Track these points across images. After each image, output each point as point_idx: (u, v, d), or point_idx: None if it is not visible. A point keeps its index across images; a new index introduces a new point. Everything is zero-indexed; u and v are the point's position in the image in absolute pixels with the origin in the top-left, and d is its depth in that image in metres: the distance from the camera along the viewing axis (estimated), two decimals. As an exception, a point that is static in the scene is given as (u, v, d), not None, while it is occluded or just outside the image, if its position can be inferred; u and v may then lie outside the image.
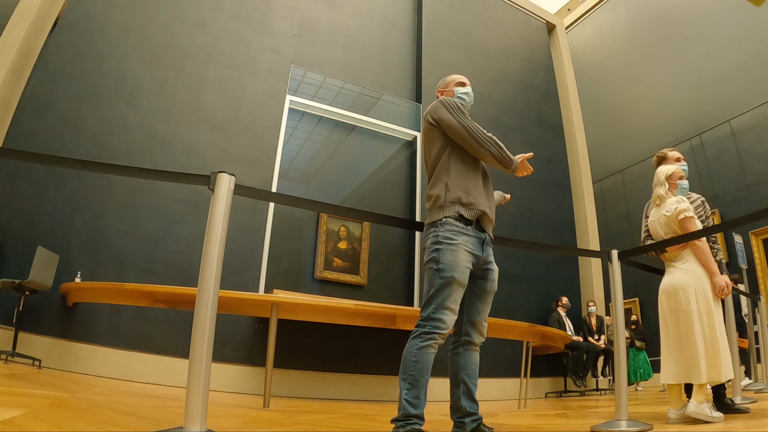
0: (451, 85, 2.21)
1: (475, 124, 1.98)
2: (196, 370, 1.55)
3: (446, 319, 1.78)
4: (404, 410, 1.69)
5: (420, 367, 1.72)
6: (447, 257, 1.82)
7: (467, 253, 1.86)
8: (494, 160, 1.98)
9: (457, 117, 1.96)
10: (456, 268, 1.81)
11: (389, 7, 6.84)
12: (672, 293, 2.59)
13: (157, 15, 5.20)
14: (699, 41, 8.96)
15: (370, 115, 6.04)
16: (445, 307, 1.78)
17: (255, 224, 4.82)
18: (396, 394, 1.76)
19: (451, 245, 1.83)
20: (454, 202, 1.90)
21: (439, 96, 2.22)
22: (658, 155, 3.14)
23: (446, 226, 1.87)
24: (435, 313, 1.78)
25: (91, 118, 4.58)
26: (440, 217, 1.89)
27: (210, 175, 1.77)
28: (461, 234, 1.87)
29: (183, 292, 3.63)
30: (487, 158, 1.99)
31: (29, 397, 2.08)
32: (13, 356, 3.53)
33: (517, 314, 5.44)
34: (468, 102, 2.17)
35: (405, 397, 1.71)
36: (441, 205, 1.92)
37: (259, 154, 5.16)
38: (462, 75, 2.26)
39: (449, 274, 1.79)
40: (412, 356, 1.74)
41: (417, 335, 1.78)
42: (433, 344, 1.75)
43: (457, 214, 1.88)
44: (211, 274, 1.64)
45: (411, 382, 1.72)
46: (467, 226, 1.89)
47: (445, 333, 1.78)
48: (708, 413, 2.33)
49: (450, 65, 6.58)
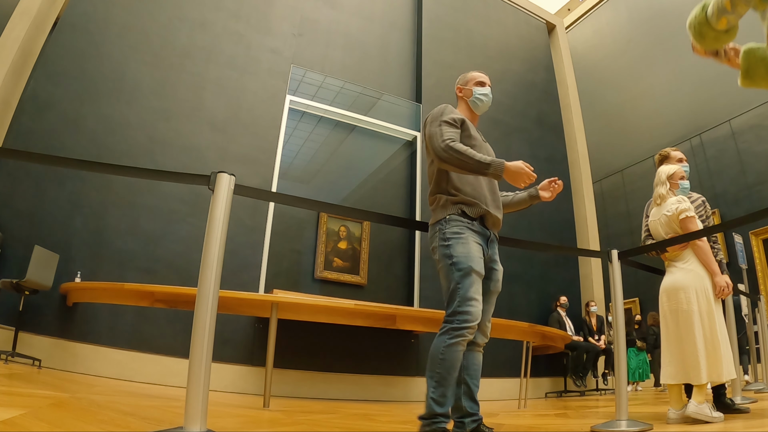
0: (471, 83, 2.17)
1: (443, 134, 1.90)
2: (196, 370, 1.55)
3: (473, 310, 1.73)
4: (430, 408, 1.67)
5: (447, 365, 1.69)
6: (459, 250, 1.80)
7: (477, 245, 1.85)
8: (453, 167, 1.88)
9: (431, 130, 1.95)
10: (471, 258, 1.79)
11: (389, 7, 6.84)
12: (673, 293, 2.59)
13: (157, 15, 5.20)
14: (699, 41, 8.95)
15: (370, 115, 6.04)
16: (470, 298, 1.74)
17: (255, 224, 4.82)
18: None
19: (461, 238, 1.83)
20: (457, 202, 1.90)
21: (458, 93, 2.19)
22: (660, 154, 3.14)
23: (451, 223, 1.87)
24: (460, 306, 1.73)
25: (91, 118, 4.58)
26: (444, 216, 1.89)
27: (210, 175, 1.77)
28: (467, 229, 1.86)
29: (183, 292, 3.63)
30: (447, 167, 1.90)
31: (29, 397, 2.08)
32: (13, 356, 3.53)
33: (517, 314, 5.44)
34: (485, 102, 2.14)
35: (431, 396, 1.68)
36: (443, 205, 1.92)
37: (259, 154, 5.16)
38: (483, 74, 2.21)
39: (466, 264, 1.77)
40: (440, 353, 1.70)
41: (444, 331, 1.73)
42: (461, 341, 1.71)
43: (460, 211, 1.88)
44: (211, 274, 1.64)
45: (438, 380, 1.68)
46: (472, 222, 1.88)
47: (473, 326, 1.72)
48: (708, 413, 2.33)
49: (450, 65, 6.59)
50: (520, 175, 1.83)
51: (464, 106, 2.19)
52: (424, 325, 4.39)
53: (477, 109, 2.16)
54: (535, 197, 2.17)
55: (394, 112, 6.19)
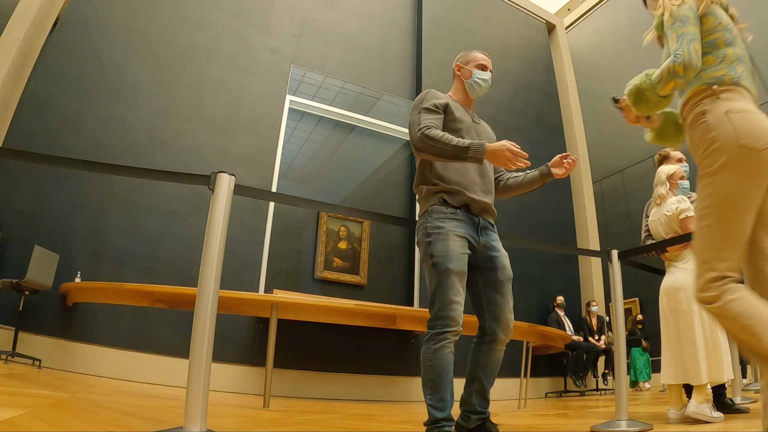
0: (471, 64, 2.07)
1: (420, 122, 1.82)
2: (196, 370, 1.55)
3: (453, 314, 1.68)
4: (431, 416, 1.64)
5: (438, 370, 1.65)
6: (438, 248, 1.74)
7: (459, 238, 1.76)
8: (432, 156, 1.79)
9: (410, 120, 1.88)
10: (450, 258, 1.72)
11: (389, 7, 6.84)
12: (673, 293, 2.59)
13: (157, 15, 5.20)
14: (699, 41, 8.95)
15: (370, 115, 6.04)
16: (449, 301, 1.68)
17: (255, 224, 4.82)
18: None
19: (440, 234, 1.75)
20: (438, 191, 1.83)
21: (456, 71, 2.09)
22: (660, 154, 3.14)
23: (433, 215, 1.80)
24: (441, 311, 1.69)
25: (91, 118, 4.58)
26: (427, 207, 1.84)
27: (210, 175, 1.77)
28: (449, 219, 1.78)
29: (183, 292, 3.63)
30: (425, 156, 1.81)
31: (29, 397, 2.08)
32: (13, 356, 3.53)
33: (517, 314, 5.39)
34: (483, 87, 2.05)
35: (429, 403, 1.65)
36: (425, 196, 1.87)
37: (259, 154, 5.16)
38: (486, 56, 2.11)
39: (444, 265, 1.71)
40: (428, 360, 1.67)
41: (429, 338, 1.70)
42: (446, 344, 1.67)
43: (441, 200, 1.81)
44: (211, 274, 1.64)
45: (432, 387, 1.65)
46: (457, 210, 1.80)
47: (456, 329, 1.68)
48: (708, 413, 2.33)
49: (450, 65, 6.56)
50: (503, 157, 1.70)
51: (459, 86, 2.09)
52: (424, 325, 4.32)
53: (473, 92, 2.06)
54: (547, 175, 1.98)
55: (394, 112, 6.19)
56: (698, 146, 1.38)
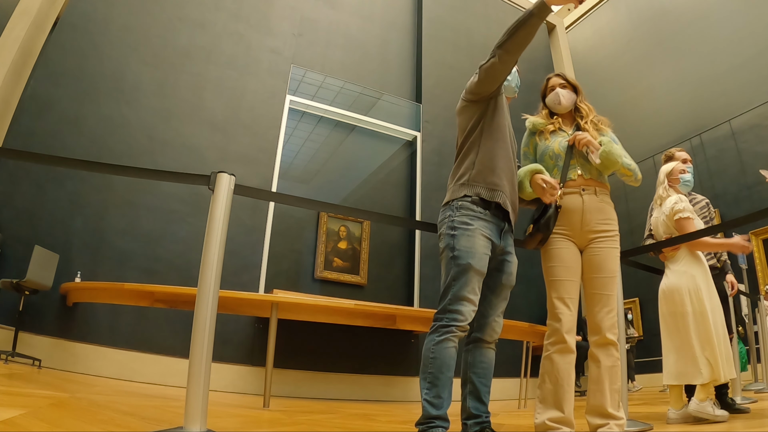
0: None
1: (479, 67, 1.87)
2: (196, 370, 1.55)
3: (463, 310, 1.64)
4: (425, 411, 1.57)
5: (439, 364, 1.59)
6: (463, 243, 1.70)
7: (484, 238, 1.73)
8: (516, 47, 1.80)
9: (467, 88, 1.91)
10: (473, 254, 1.68)
11: (389, 7, 6.84)
12: (668, 295, 2.59)
13: (157, 15, 5.20)
14: (699, 41, 8.95)
15: (370, 115, 6.04)
16: (462, 297, 1.64)
17: (255, 224, 4.82)
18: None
19: (467, 230, 1.71)
20: (479, 181, 1.79)
21: None
22: (666, 154, 3.14)
23: (462, 210, 1.75)
24: (451, 304, 1.65)
25: (91, 118, 4.58)
26: (460, 195, 1.79)
27: (210, 175, 1.77)
28: (477, 219, 1.74)
29: (183, 292, 3.63)
30: (511, 58, 1.80)
31: (29, 397, 2.08)
32: (13, 356, 3.53)
33: (517, 314, 5.43)
34: (512, 85, 2.10)
35: (425, 398, 1.58)
36: (464, 183, 1.81)
37: (259, 154, 5.16)
38: None
39: (466, 260, 1.67)
40: (430, 352, 1.61)
41: (434, 330, 1.65)
42: (451, 337, 1.61)
43: (476, 196, 1.77)
44: (211, 274, 1.64)
45: (431, 380, 1.59)
46: (485, 210, 1.77)
47: (463, 325, 1.64)
48: (710, 411, 2.33)
49: (450, 65, 6.59)
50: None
51: None
52: (424, 325, 4.38)
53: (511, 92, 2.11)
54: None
55: (394, 112, 6.19)
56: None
